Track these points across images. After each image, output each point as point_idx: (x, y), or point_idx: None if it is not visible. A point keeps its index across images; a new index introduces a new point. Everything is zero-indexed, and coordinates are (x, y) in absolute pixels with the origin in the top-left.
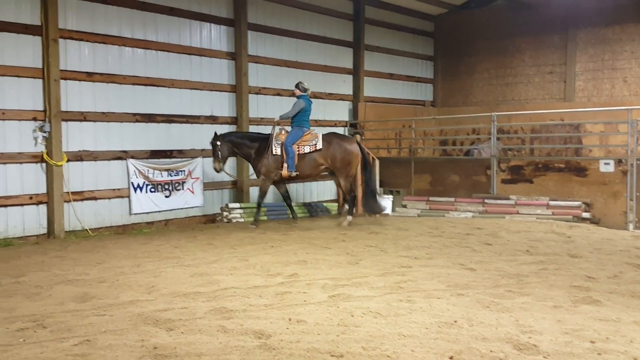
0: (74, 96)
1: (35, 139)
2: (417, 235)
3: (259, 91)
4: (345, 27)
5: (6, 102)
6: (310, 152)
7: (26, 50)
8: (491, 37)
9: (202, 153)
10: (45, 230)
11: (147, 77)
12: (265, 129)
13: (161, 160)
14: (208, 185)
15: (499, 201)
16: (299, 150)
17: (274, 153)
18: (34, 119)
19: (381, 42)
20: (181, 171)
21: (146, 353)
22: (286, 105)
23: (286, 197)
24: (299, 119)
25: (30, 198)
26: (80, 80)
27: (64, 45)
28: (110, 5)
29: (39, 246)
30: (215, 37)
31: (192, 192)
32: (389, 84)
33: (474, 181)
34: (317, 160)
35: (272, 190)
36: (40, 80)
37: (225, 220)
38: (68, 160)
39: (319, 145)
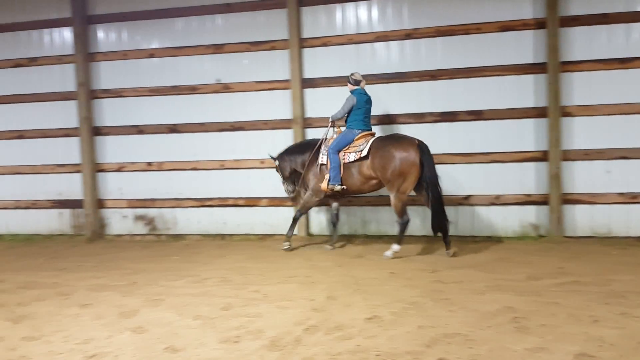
0: None
1: None
2: None
3: None
4: None
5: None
6: (355, 161)
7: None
8: None
9: None
10: None
11: None
12: None
13: None
14: None
15: None
16: (344, 159)
17: (320, 162)
18: None
19: None
20: None
21: None
22: None
23: (334, 216)
24: (350, 119)
25: None
26: None
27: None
28: None
29: None
30: None
31: None
32: None
33: None
34: (364, 171)
35: None
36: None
37: None
38: None
39: (365, 152)
